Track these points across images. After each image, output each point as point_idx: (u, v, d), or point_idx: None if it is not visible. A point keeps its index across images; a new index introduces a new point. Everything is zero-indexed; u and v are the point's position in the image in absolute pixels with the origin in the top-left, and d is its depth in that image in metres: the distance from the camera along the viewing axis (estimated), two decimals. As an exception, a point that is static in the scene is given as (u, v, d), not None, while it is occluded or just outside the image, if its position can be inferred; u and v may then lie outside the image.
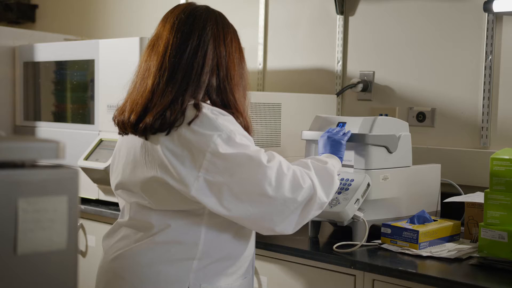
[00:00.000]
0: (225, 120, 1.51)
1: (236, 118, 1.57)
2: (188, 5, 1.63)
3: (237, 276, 1.64)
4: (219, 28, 1.59)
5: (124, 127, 1.57)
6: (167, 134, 1.49)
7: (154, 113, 1.49)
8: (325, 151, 1.83)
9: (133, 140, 1.59)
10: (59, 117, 2.84)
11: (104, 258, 1.65)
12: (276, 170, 1.50)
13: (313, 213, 1.58)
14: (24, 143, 0.91)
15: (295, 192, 1.52)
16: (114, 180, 1.67)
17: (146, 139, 1.53)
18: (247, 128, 1.60)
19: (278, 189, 1.49)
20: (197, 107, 1.50)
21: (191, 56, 1.54)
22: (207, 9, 1.62)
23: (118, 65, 2.49)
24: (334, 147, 1.83)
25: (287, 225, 1.54)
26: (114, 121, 1.63)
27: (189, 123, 1.48)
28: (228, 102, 1.58)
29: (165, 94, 1.51)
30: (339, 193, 1.90)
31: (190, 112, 1.50)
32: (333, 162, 1.71)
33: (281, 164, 1.52)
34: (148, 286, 1.55)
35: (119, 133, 1.64)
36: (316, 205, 1.57)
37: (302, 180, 1.54)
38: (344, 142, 1.85)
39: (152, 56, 1.57)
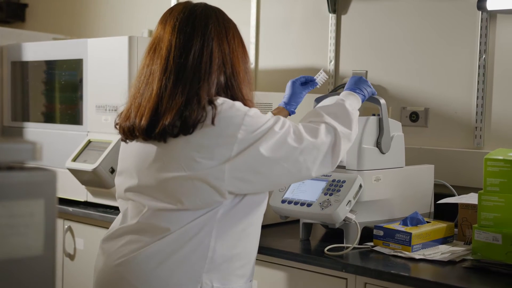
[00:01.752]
0: (239, 103, 1.54)
1: None
2: (186, 4, 1.61)
3: (245, 279, 1.63)
4: (220, 25, 1.58)
5: (132, 133, 1.56)
6: (191, 133, 1.49)
7: (172, 115, 1.48)
8: (350, 85, 1.86)
9: (144, 144, 1.57)
10: (47, 117, 2.80)
11: (106, 262, 1.60)
12: (292, 127, 1.57)
13: (344, 147, 1.63)
14: (-1, 144, 0.88)
15: (316, 136, 1.57)
16: (124, 183, 1.64)
17: (165, 141, 1.51)
18: None
19: (300, 139, 1.55)
20: (212, 103, 1.51)
21: (197, 56, 1.53)
22: (205, 6, 1.61)
23: (107, 64, 2.45)
24: (361, 83, 1.86)
25: (324, 168, 1.60)
26: (117, 127, 1.61)
27: (213, 121, 1.49)
28: (236, 99, 1.58)
29: (176, 95, 1.50)
30: (330, 194, 1.87)
31: (208, 109, 1.50)
32: (344, 97, 1.76)
33: (290, 123, 1.59)
34: None
35: (123, 140, 1.62)
36: (343, 140, 1.61)
37: (315, 124, 1.61)
38: (370, 85, 1.89)
39: (155, 60, 1.55)
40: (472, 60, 2.40)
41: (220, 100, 1.52)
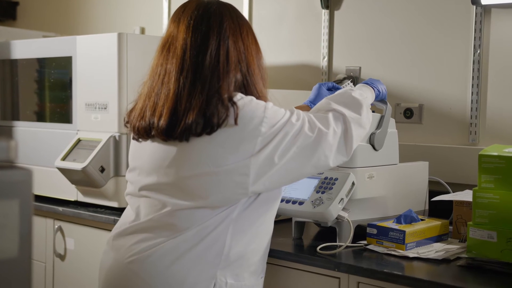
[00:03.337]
0: (255, 98, 1.55)
1: None
2: (199, 2, 1.59)
3: (257, 276, 1.64)
4: (234, 23, 1.58)
5: (148, 133, 1.55)
6: (215, 131, 1.49)
7: (194, 115, 1.48)
8: (366, 81, 1.91)
9: (161, 144, 1.55)
10: (37, 116, 2.76)
11: (117, 259, 1.59)
12: (306, 117, 1.58)
13: (356, 133, 1.64)
14: (-29, 142, 0.84)
15: (327, 124, 1.59)
16: (138, 181, 1.62)
17: (187, 141, 1.50)
18: None
19: (314, 128, 1.56)
20: (232, 101, 1.50)
21: (214, 55, 1.53)
22: (219, 4, 1.60)
23: (97, 62, 2.41)
24: (378, 82, 1.92)
25: (340, 156, 1.61)
26: (128, 126, 1.61)
27: (235, 120, 1.49)
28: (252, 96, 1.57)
29: (195, 95, 1.49)
30: (322, 192, 1.83)
31: (229, 108, 1.50)
32: (356, 88, 1.81)
33: (303, 113, 1.60)
34: (174, 286, 1.52)
35: (134, 138, 1.62)
36: (353, 125, 1.62)
37: (324, 113, 1.63)
38: (386, 89, 1.94)
39: (169, 59, 1.54)
40: (467, 55, 2.37)
41: (238, 96, 1.52)
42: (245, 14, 2.96)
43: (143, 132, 1.56)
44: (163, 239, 1.54)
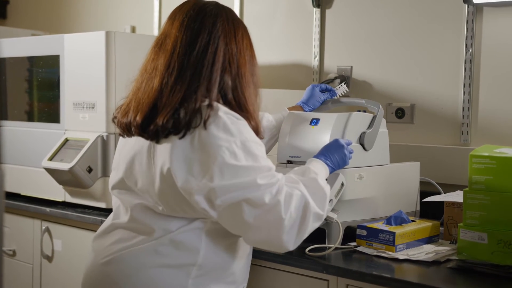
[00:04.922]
0: (240, 125, 1.46)
1: (248, 120, 1.51)
2: (196, 2, 1.57)
3: (237, 285, 1.61)
4: (229, 24, 1.55)
5: (129, 129, 1.52)
6: (182, 137, 1.43)
7: (165, 113, 1.44)
8: (323, 151, 1.73)
9: (139, 141, 1.53)
10: (24, 116, 2.72)
11: (94, 259, 1.58)
12: (275, 186, 1.45)
13: (312, 227, 1.52)
14: None
15: (287, 203, 1.46)
16: (112, 179, 1.62)
17: (157, 142, 1.47)
18: (256, 130, 1.54)
19: (274, 198, 1.45)
20: (211, 108, 1.45)
21: (200, 54, 1.49)
22: (216, 5, 1.57)
23: (84, 60, 2.38)
24: (335, 151, 1.73)
25: (288, 240, 1.47)
26: (115, 122, 1.59)
27: (204, 125, 1.42)
28: (239, 101, 1.52)
29: (174, 92, 1.46)
30: (311, 193, 1.80)
31: (204, 113, 1.44)
32: (317, 170, 1.62)
33: (281, 180, 1.48)
34: None
35: (120, 135, 1.60)
36: (312, 218, 1.50)
37: (290, 189, 1.49)
38: (346, 155, 1.74)
39: (159, 55, 1.53)
40: (459, 54, 2.35)
41: (221, 112, 1.45)
42: (236, 12, 2.93)
43: (126, 129, 1.54)
44: (137, 241, 1.52)
